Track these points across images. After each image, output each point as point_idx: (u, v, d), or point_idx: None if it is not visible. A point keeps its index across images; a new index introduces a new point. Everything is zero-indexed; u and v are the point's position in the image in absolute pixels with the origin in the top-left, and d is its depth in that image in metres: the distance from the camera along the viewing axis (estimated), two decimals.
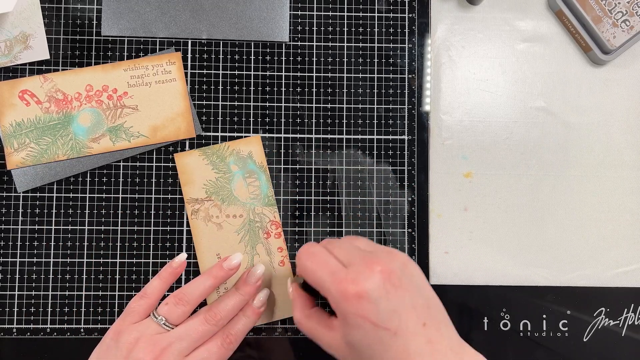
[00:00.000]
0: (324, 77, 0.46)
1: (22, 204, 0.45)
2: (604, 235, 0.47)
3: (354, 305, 0.33)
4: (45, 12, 0.45)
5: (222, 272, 0.41)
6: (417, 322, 0.34)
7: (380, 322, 0.33)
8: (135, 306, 0.40)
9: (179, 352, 0.38)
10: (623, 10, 0.45)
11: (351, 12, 0.47)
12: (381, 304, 0.33)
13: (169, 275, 0.41)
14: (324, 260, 0.36)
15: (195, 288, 0.40)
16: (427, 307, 0.35)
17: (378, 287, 0.33)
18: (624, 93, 0.47)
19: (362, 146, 0.46)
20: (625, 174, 0.47)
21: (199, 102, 0.46)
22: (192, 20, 0.46)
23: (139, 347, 0.37)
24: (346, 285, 0.34)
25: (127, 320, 0.39)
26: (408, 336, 0.33)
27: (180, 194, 0.45)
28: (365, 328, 0.33)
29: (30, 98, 0.45)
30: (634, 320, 0.46)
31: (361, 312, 0.33)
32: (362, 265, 0.34)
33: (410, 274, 0.35)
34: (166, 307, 0.39)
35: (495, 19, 0.47)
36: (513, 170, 0.47)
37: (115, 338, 0.38)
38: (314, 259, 0.36)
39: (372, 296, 0.33)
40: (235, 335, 0.40)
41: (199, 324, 0.39)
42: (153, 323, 0.39)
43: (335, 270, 0.35)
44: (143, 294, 0.40)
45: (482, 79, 0.47)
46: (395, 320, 0.33)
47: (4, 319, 0.44)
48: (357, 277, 0.34)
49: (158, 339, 0.38)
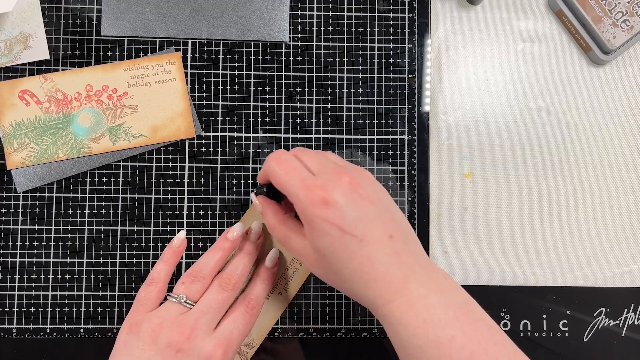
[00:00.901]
0: (324, 77, 0.46)
1: (22, 204, 0.45)
2: (604, 235, 0.47)
3: (320, 210, 0.34)
4: (45, 12, 0.45)
5: (228, 242, 0.41)
6: (383, 233, 0.34)
7: (346, 228, 0.33)
8: (145, 294, 0.39)
9: (206, 327, 0.38)
10: (623, 10, 0.45)
11: (351, 12, 0.47)
12: (348, 211, 0.34)
13: (171, 256, 0.41)
14: (293, 167, 0.36)
15: (206, 263, 0.40)
16: (393, 220, 0.35)
17: (345, 194, 0.34)
18: (624, 93, 0.47)
19: (362, 146, 0.46)
20: (625, 173, 0.47)
21: (199, 102, 0.46)
22: (192, 20, 0.46)
23: (165, 332, 0.37)
24: (314, 191, 0.34)
25: (140, 311, 0.38)
26: (374, 245, 0.34)
27: (181, 194, 0.45)
28: (331, 233, 0.34)
29: (30, 98, 0.45)
30: (634, 320, 0.46)
31: (328, 217, 0.33)
32: (331, 174, 0.35)
33: (376, 189, 0.36)
34: (183, 285, 0.39)
35: (495, 19, 0.47)
36: (513, 170, 0.47)
37: (133, 330, 0.37)
38: (284, 165, 0.36)
39: (339, 202, 0.34)
40: (255, 299, 0.41)
41: (217, 292, 0.39)
42: (172, 304, 0.38)
43: (305, 176, 0.35)
44: (150, 280, 0.40)
45: (482, 79, 0.47)
46: (361, 227, 0.34)
47: (4, 319, 0.44)
48: (326, 184, 0.34)
49: (182, 319, 0.37)
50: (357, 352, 0.45)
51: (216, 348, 0.37)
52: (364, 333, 0.45)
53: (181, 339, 0.36)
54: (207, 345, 0.37)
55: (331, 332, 0.45)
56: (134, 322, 0.38)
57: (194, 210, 0.45)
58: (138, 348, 0.37)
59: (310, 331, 0.45)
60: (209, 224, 0.45)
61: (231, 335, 0.38)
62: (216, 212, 0.45)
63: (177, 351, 0.36)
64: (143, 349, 0.36)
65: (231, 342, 0.38)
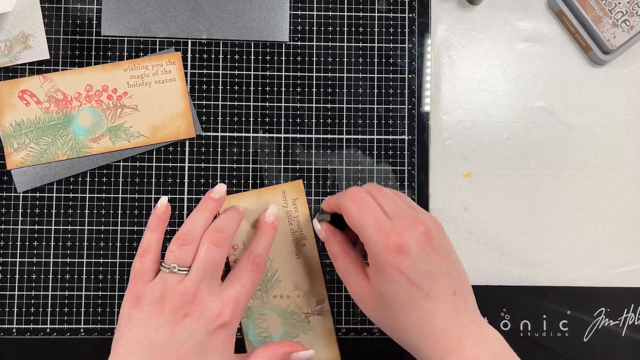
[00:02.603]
0: (324, 77, 0.46)
1: (22, 204, 0.45)
2: (604, 235, 0.47)
3: (393, 257, 0.34)
4: (45, 12, 0.45)
5: (212, 202, 0.41)
6: (449, 290, 0.34)
7: (415, 280, 0.34)
8: (139, 266, 0.38)
9: (209, 288, 0.38)
10: (623, 10, 0.45)
11: (351, 12, 0.47)
12: (419, 262, 0.34)
13: (158, 223, 0.40)
14: (370, 207, 0.36)
15: (193, 225, 0.39)
16: (459, 278, 0.36)
17: (420, 246, 0.34)
18: (624, 93, 0.47)
19: (362, 146, 0.46)
20: (625, 173, 0.47)
21: (199, 102, 0.46)
22: (192, 20, 0.46)
23: (169, 301, 0.37)
24: (390, 236, 0.34)
25: (139, 283, 0.38)
26: (438, 300, 0.34)
27: (181, 194, 0.45)
28: (399, 282, 0.34)
29: (30, 98, 0.45)
30: (634, 320, 0.46)
31: (399, 266, 0.34)
32: (407, 221, 0.35)
33: (447, 243, 0.36)
34: (172, 254, 0.38)
35: (495, 19, 0.47)
36: (513, 170, 0.47)
37: (135, 303, 0.37)
38: (360, 204, 0.36)
39: (413, 253, 0.34)
40: (260, 256, 0.40)
41: (210, 251, 0.38)
42: (168, 275, 0.38)
43: (380, 219, 0.35)
44: (142, 251, 0.39)
45: (482, 79, 0.47)
46: (429, 282, 0.34)
47: (4, 319, 0.44)
48: (402, 232, 0.34)
49: (183, 285, 0.37)
50: (357, 352, 0.45)
51: (224, 307, 0.37)
52: (364, 333, 0.45)
53: (186, 304, 0.36)
54: (214, 306, 0.37)
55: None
56: (135, 295, 0.37)
57: None
58: (144, 320, 0.36)
59: None
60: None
61: (238, 293, 0.38)
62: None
63: (184, 316, 0.36)
64: (149, 320, 0.36)
65: (238, 300, 0.38)
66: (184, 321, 0.36)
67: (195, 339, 0.36)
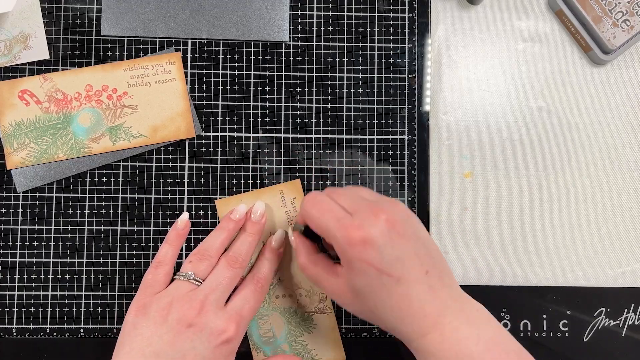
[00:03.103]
0: (324, 77, 0.46)
1: (22, 204, 0.45)
2: (604, 235, 0.47)
3: (359, 251, 0.34)
4: (45, 12, 0.45)
5: (232, 223, 0.42)
6: (420, 270, 0.34)
7: (384, 268, 0.34)
8: (152, 277, 0.39)
9: (216, 303, 0.38)
10: (623, 10, 0.45)
11: (351, 12, 0.47)
12: (385, 250, 0.34)
13: (175, 239, 0.41)
14: (329, 208, 0.36)
15: (212, 243, 0.41)
16: (429, 256, 0.35)
17: (383, 234, 0.34)
18: (624, 93, 0.47)
19: (362, 146, 0.46)
20: (625, 173, 0.47)
21: (199, 102, 0.46)
22: (192, 20, 0.46)
23: (175, 309, 0.37)
24: (352, 231, 0.34)
25: (148, 293, 0.38)
26: (410, 283, 0.34)
27: (181, 194, 0.45)
28: (369, 274, 0.34)
29: (30, 98, 0.45)
30: (634, 320, 0.46)
31: (366, 258, 0.34)
32: (367, 213, 0.35)
33: (412, 224, 0.36)
34: (190, 264, 0.39)
35: (495, 19, 0.47)
36: (513, 170, 0.47)
37: (142, 312, 0.37)
38: (319, 207, 0.37)
39: (377, 242, 0.34)
40: (264, 278, 0.41)
41: (225, 270, 0.39)
42: (181, 283, 0.39)
43: (341, 217, 0.35)
44: (157, 263, 0.40)
45: (482, 79, 0.47)
46: (399, 267, 0.34)
47: (4, 319, 0.44)
48: (363, 224, 0.34)
49: (192, 295, 0.38)
50: (357, 352, 0.45)
51: (229, 323, 0.37)
52: (364, 333, 0.45)
53: (192, 314, 0.37)
54: (219, 320, 0.37)
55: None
56: (142, 304, 0.38)
57: (194, 210, 0.45)
58: (148, 328, 0.37)
59: None
60: (209, 224, 0.45)
61: (242, 310, 0.39)
62: (216, 212, 0.45)
63: (188, 326, 0.36)
64: (154, 328, 0.36)
65: (243, 318, 0.38)
66: (187, 331, 0.36)
67: (198, 351, 0.36)
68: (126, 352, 0.36)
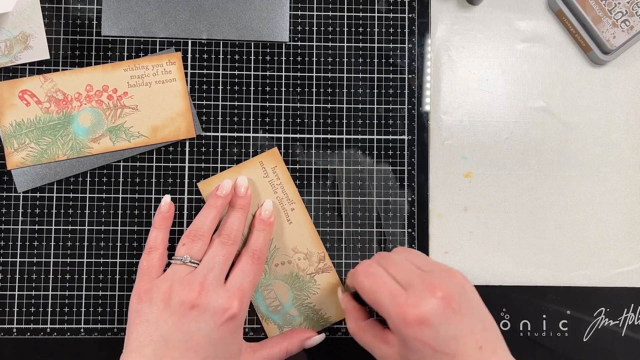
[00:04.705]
0: (324, 77, 0.46)
1: (22, 204, 0.45)
2: (604, 235, 0.47)
3: (414, 330, 0.34)
4: (45, 12, 0.45)
5: (219, 199, 0.42)
6: (474, 346, 0.34)
7: (439, 347, 0.34)
8: (147, 263, 0.40)
9: (216, 281, 0.38)
10: (623, 10, 0.45)
11: (351, 12, 0.47)
12: (441, 329, 0.34)
13: (162, 222, 0.42)
14: (382, 282, 0.36)
15: (202, 222, 0.41)
16: (484, 330, 0.35)
17: (439, 313, 0.34)
18: (624, 93, 0.47)
19: (362, 146, 0.46)
20: (625, 173, 0.47)
21: (199, 102, 0.46)
22: (192, 20, 0.46)
23: (175, 292, 0.37)
24: (407, 310, 0.34)
25: (146, 279, 0.39)
26: (465, 359, 0.34)
27: (181, 194, 0.45)
28: (424, 352, 0.34)
29: (30, 98, 0.45)
30: (634, 320, 0.46)
31: (421, 337, 0.34)
32: (422, 289, 0.35)
33: (468, 297, 0.36)
34: (184, 247, 0.40)
35: (495, 19, 0.47)
36: (513, 170, 0.47)
37: (144, 299, 0.38)
38: (372, 280, 0.37)
39: (433, 322, 0.34)
40: (259, 249, 0.41)
41: (220, 248, 0.40)
42: (178, 266, 0.39)
43: (395, 292, 0.35)
44: (149, 248, 0.40)
45: (482, 79, 0.47)
46: (453, 344, 0.34)
47: (4, 319, 0.44)
48: (418, 302, 0.34)
49: (190, 277, 0.38)
50: (357, 352, 0.45)
51: (231, 299, 0.38)
52: None
53: (193, 296, 0.37)
54: (220, 298, 0.38)
55: (331, 332, 0.45)
56: (143, 291, 0.38)
57: (194, 210, 0.45)
58: (152, 314, 0.37)
59: None
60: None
61: (243, 285, 0.39)
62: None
63: (191, 308, 0.37)
64: (157, 313, 0.37)
65: (244, 292, 0.39)
66: (191, 313, 0.37)
67: (204, 331, 0.37)
68: (134, 339, 0.37)
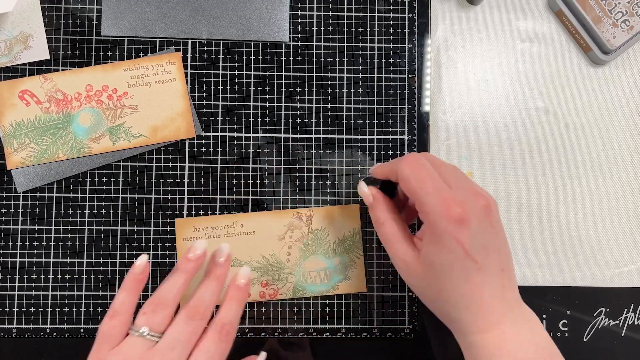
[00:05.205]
0: (324, 77, 0.46)
1: (22, 204, 0.45)
2: (604, 235, 0.47)
3: (453, 227, 0.33)
4: (45, 12, 0.45)
5: (191, 263, 0.37)
6: (498, 266, 0.35)
7: (471, 252, 0.33)
8: (107, 329, 0.35)
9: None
10: (623, 10, 0.45)
11: (351, 12, 0.47)
12: (477, 235, 0.34)
13: (134, 285, 0.36)
14: (430, 175, 0.35)
15: (169, 290, 0.36)
16: (506, 254, 0.36)
17: (480, 219, 0.34)
18: (624, 93, 0.47)
19: (362, 146, 0.46)
20: (625, 174, 0.47)
21: (199, 102, 0.46)
22: (192, 20, 0.46)
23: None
24: (452, 205, 0.33)
25: (104, 348, 0.34)
26: (488, 274, 0.34)
27: (181, 194, 0.45)
28: (456, 252, 0.33)
29: (30, 98, 0.45)
30: (634, 320, 0.46)
31: (458, 236, 0.33)
32: (468, 193, 0.35)
33: (500, 220, 0.36)
34: (144, 316, 0.35)
35: (495, 19, 0.47)
36: (513, 170, 0.47)
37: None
38: (420, 171, 0.35)
39: (473, 225, 0.33)
40: (230, 324, 0.36)
41: (184, 323, 0.35)
42: (136, 339, 0.34)
43: (441, 187, 0.34)
44: (112, 313, 0.35)
45: (482, 79, 0.47)
46: (483, 255, 0.34)
47: (4, 319, 0.44)
48: (464, 202, 0.34)
49: (148, 356, 0.33)
50: (357, 352, 0.45)
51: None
52: (364, 333, 0.45)
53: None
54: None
55: (331, 332, 0.45)
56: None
57: (194, 210, 0.45)
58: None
59: (310, 331, 0.45)
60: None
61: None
62: (216, 213, 0.45)
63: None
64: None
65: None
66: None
67: None
68: None
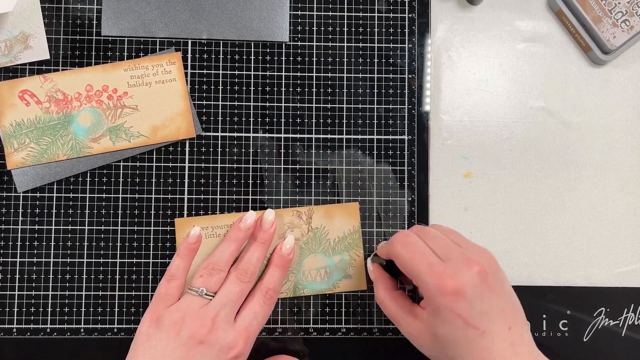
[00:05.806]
0: (324, 77, 0.46)
1: (22, 204, 0.45)
2: (604, 235, 0.47)
3: (449, 300, 0.34)
4: (45, 12, 0.45)
5: (241, 232, 0.42)
6: (504, 325, 0.35)
7: (471, 321, 0.34)
8: (165, 290, 0.40)
9: (227, 319, 0.39)
10: (623, 10, 0.45)
11: (351, 12, 0.47)
12: (475, 303, 0.34)
13: (187, 252, 0.42)
14: (421, 251, 0.36)
15: (221, 255, 0.41)
16: (513, 311, 0.36)
17: (475, 286, 0.34)
18: (624, 93, 0.47)
19: (362, 146, 0.46)
20: (625, 174, 0.47)
21: (199, 102, 0.46)
22: (192, 20, 0.46)
23: (187, 324, 0.38)
24: (445, 279, 0.34)
25: (161, 306, 0.39)
26: (494, 337, 0.34)
27: (181, 194, 0.45)
28: (455, 324, 0.34)
29: (30, 98, 0.45)
30: (634, 320, 0.46)
31: (455, 308, 0.34)
32: (460, 262, 0.35)
33: (501, 277, 0.36)
34: (201, 278, 0.40)
35: (495, 19, 0.47)
36: (513, 170, 0.47)
37: (155, 324, 0.38)
38: (411, 249, 0.37)
39: (468, 295, 0.34)
40: (273, 289, 0.41)
41: (234, 284, 0.40)
42: (194, 297, 0.39)
43: (433, 262, 0.35)
44: (170, 276, 0.41)
45: (482, 79, 0.47)
46: (485, 320, 0.34)
47: (4, 319, 0.44)
48: (456, 273, 0.34)
49: (204, 311, 0.39)
50: (357, 352, 0.45)
51: (237, 339, 0.39)
52: (364, 333, 0.45)
53: (203, 332, 0.38)
54: (228, 337, 0.38)
55: (331, 332, 0.45)
56: (155, 317, 0.39)
57: (194, 210, 0.45)
58: (161, 341, 0.38)
59: (310, 331, 0.45)
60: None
61: (250, 326, 0.40)
62: (216, 212, 0.45)
63: (199, 343, 0.37)
64: (166, 342, 0.38)
65: (250, 333, 0.40)
66: (198, 347, 0.37)
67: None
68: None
